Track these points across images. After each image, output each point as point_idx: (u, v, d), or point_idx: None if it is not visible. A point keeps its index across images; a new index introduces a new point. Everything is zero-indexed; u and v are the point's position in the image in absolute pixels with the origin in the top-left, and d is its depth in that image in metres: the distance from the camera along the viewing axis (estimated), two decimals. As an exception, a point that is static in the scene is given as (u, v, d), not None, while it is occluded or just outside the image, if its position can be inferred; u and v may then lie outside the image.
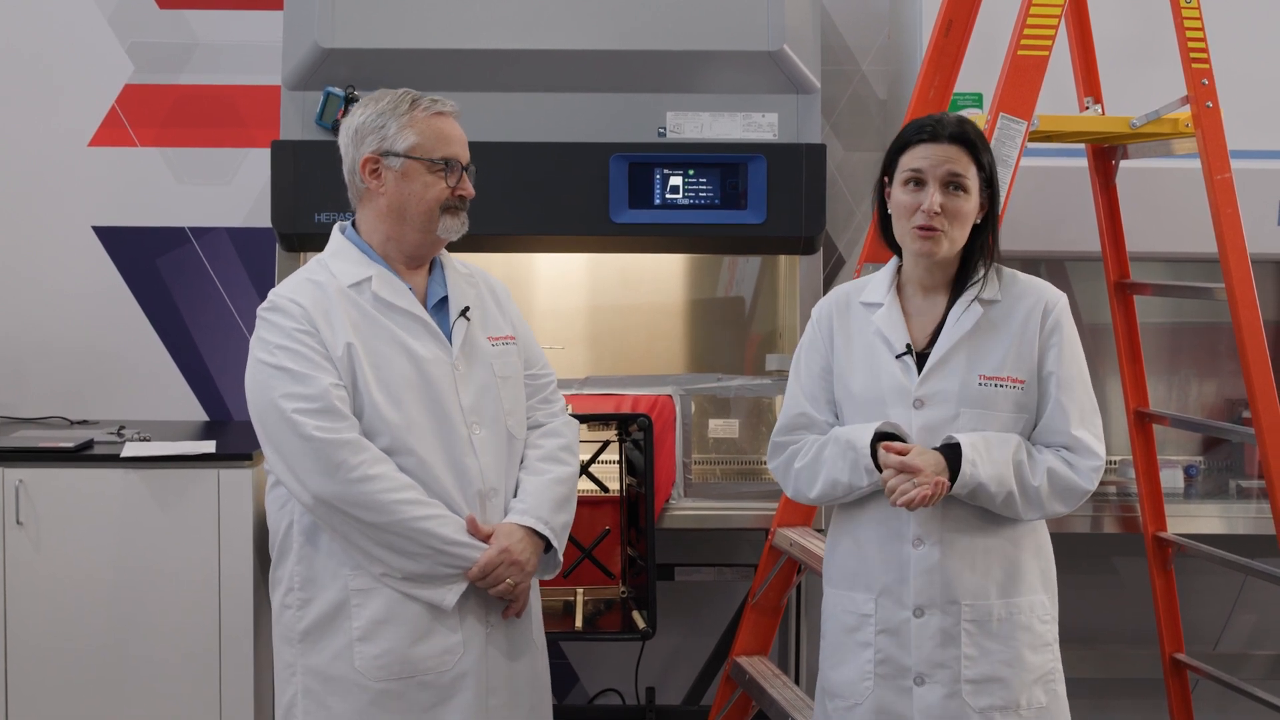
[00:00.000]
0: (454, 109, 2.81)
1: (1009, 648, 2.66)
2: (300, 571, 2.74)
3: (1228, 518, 4.05)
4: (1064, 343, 2.70)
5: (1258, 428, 3.41)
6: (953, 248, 2.67)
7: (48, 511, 3.86)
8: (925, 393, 2.67)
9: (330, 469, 2.61)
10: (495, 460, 2.78)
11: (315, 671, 2.73)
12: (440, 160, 2.73)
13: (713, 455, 4.22)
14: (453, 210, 2.76)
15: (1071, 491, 2.67)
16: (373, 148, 2.74)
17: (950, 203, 2.64)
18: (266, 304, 2.75)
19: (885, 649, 2.71)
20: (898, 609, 2.69)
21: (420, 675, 2.71)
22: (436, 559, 2.68)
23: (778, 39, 3.84)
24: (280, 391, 2.65)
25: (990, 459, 2.61)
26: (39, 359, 4.51)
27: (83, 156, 4.50)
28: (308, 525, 2.72)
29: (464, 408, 2.75)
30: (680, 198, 3.87)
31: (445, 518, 2.69)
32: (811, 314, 2.88)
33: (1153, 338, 4.43)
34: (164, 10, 4.49)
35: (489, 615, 2.78)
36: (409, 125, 2.72)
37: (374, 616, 2.69)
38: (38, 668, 3.87)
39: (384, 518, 2.63)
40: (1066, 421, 2.67)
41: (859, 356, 2.75)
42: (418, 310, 2.75)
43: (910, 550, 2.67)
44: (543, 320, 4.40)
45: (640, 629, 3.56)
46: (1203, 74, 3.41)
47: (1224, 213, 3.40)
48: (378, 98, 2.79)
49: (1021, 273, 2.77)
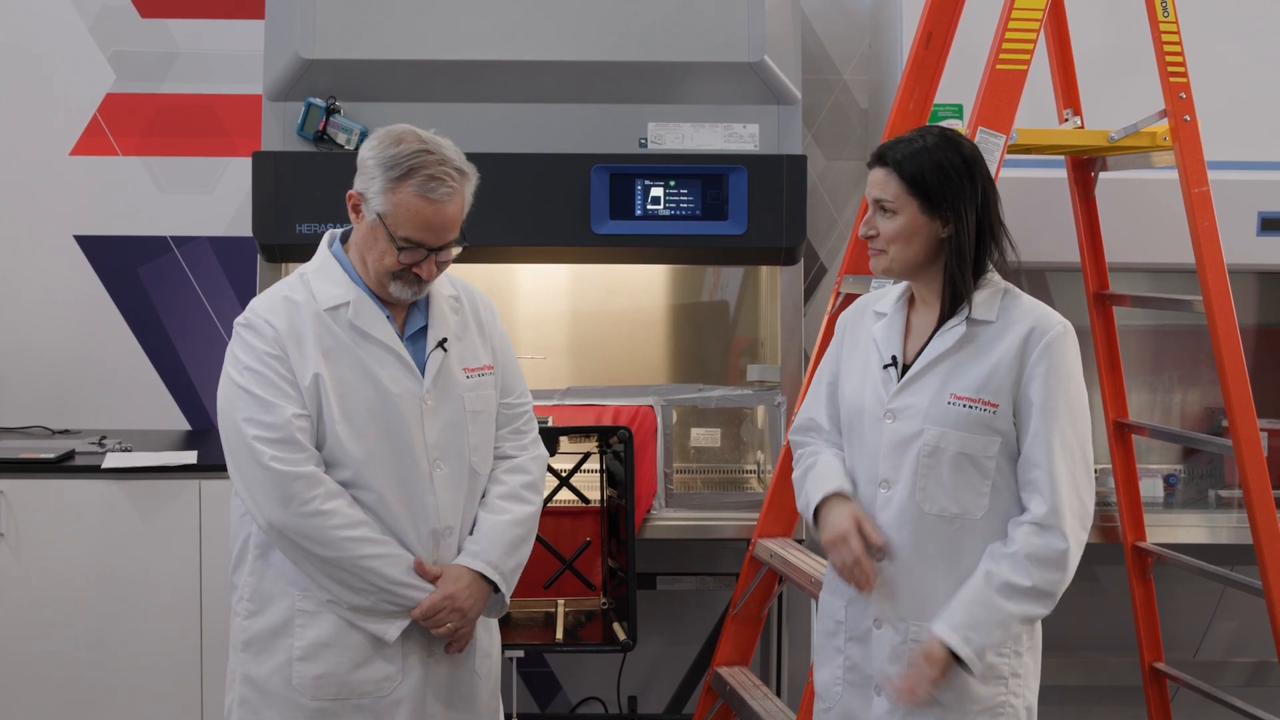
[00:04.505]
0: (449, 193, 2.65)
1: (953, 675, 2.59)
2: (251, 583, 2.75)
3: (1208, 527, 4.06)
4: (1051, 372, 2.58)
5: (1235, 440, 3.43)
6: (894, 264, 2.66)
7: (29, 522, 3.86)
8: (896, 406, 2.66)
9: (284, 500, 2.62)
10: (454, 498, 2.78)
11: (253, 682, 2.74)
12: (402, 239, 2.66)
13: (694, 465, 4.23)
14: (405, 280, 2.70)
15: (1052, 568, 2.56)
16: (359, 188, 2.70)
17: (878, 224, 2.66)
18: (243, 319, 2.73)
19: (853, 656, 2.73)
20: (862, 618, 2.71)
21: (357, 699, 2.73)
22: (381, 596, 2.70)
23: (758, 50, 3.85)
24: (244, 415, 2.65)
25: (976, 621, 2.55)
26: (20, 368, 4.50)
27: (64, 165, 4.50)
28: (263, 540, 2.73)
29: (428, 444, 2.74)
30: (661, 208, 3.88)
31: (393, 557, 2.70)
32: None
33: (1136, 340, 4.45)
34: (146, 19, 4.49)
35: (431, 647, 2.79)
36: (391, 193, 2.64)
37: (316, 639, 2.71)
38: (18, 679, 3.87)
39: (333, 553, 2.64)
40: (1045, 471, 2.57)
41: (857, 365, 2.76)
42: (392, 341, 2.73)
43: (874, 561, 2.68)
44: (524, 329, 4.40)
45: (621, 641, 3.56)
46: (1180, 88, 3.42)
47: (1201, 226, 3.42)
48: (395, 140, 2.67)
49: (1029, 296, 2.68)
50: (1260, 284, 4.50)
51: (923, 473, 2.62)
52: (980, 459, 2.61)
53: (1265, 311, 4.53)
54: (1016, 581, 2.55)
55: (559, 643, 3.61)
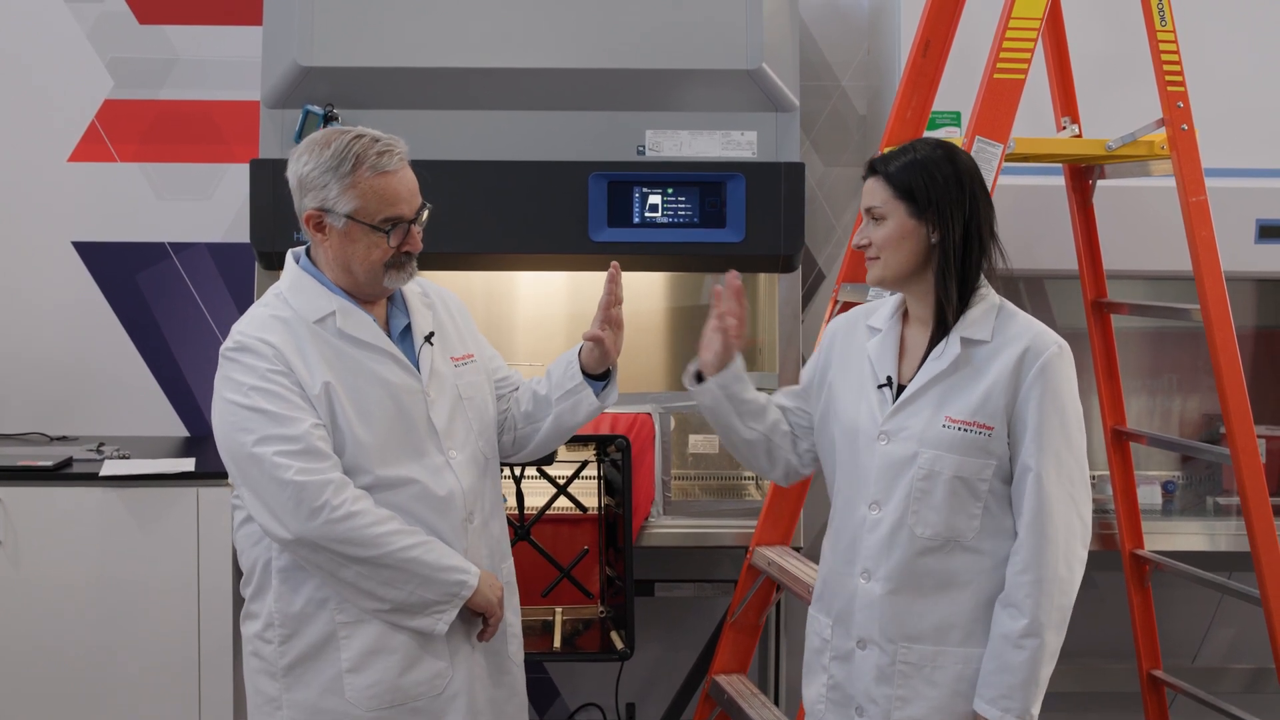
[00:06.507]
0: (400, 161, 2.69)
1: (945, 695, 2.61)
2: (279, 608, 2.70)
3: (1206, 534, 4.06)
4: (1047, 395, 2.56)
5: (1233, 448, 3.43)
6: (887, 271, 2.65)
7: (26, 529, 3.86)
8: (891, 428, 2.65)
9: (314, 511, 2.58)
10: (474, 482, 2.79)
11: (304, 706, 2.70)
12: (383, 222, 2.67)
13: (692, 472, 4.22)
14: (398, 265, 2.71)
15: (1054, 597, 2.58)
16: (315, 204, 2.68)
17: (870, 232, 2.67)
18: (233, 344, 2.70)
19: (836, 676, 2.71)
20: (846, 638, 2.69)
21: (411, 702, 2.71)
22: (427, 586, 2.66)
23: (756, 58, 3.85)
24: (259, 434, 2.61)
25: (1000, 684, 2.56)
26: (18, 374, 4.50)
27: (62, 172, 4.49)
28: (285, 563, 2.69)
29: (439, 432, 2.75)
30: (659, 216, 3.88)
31: (430, 543, 2.68)
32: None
33: (1135, 345, 4.45)
34: (144, 26, 4.49)
35: (471, 638, 2.78)
36: (352, 187, 2.64)
37: (363, 648, 2.68)
38: (16, 686, 3.87)
39: (373, 551, 2.61)
40: (1034, 499, 2.56)
41: (851, 383, 2.74)
42: (384, 343, 2.73)
43: (859, 582, 2.66)
44: (523, 337, 4.40)
45: (618, 649, 3.56)
46: (1178, 97, 3.42)
47: (1199, 235, 3.42)
48: (322, 144, 2.68)
49: (1024, 314, 2.66)
50: (1258, 291, 4.50)
51: (916, 496, 2.60)
52: (974, 482, 2.59)
53: (1263, 318, 4.53)
54: (1026, 629, 2.54)
55: (557, 651, 3.61)
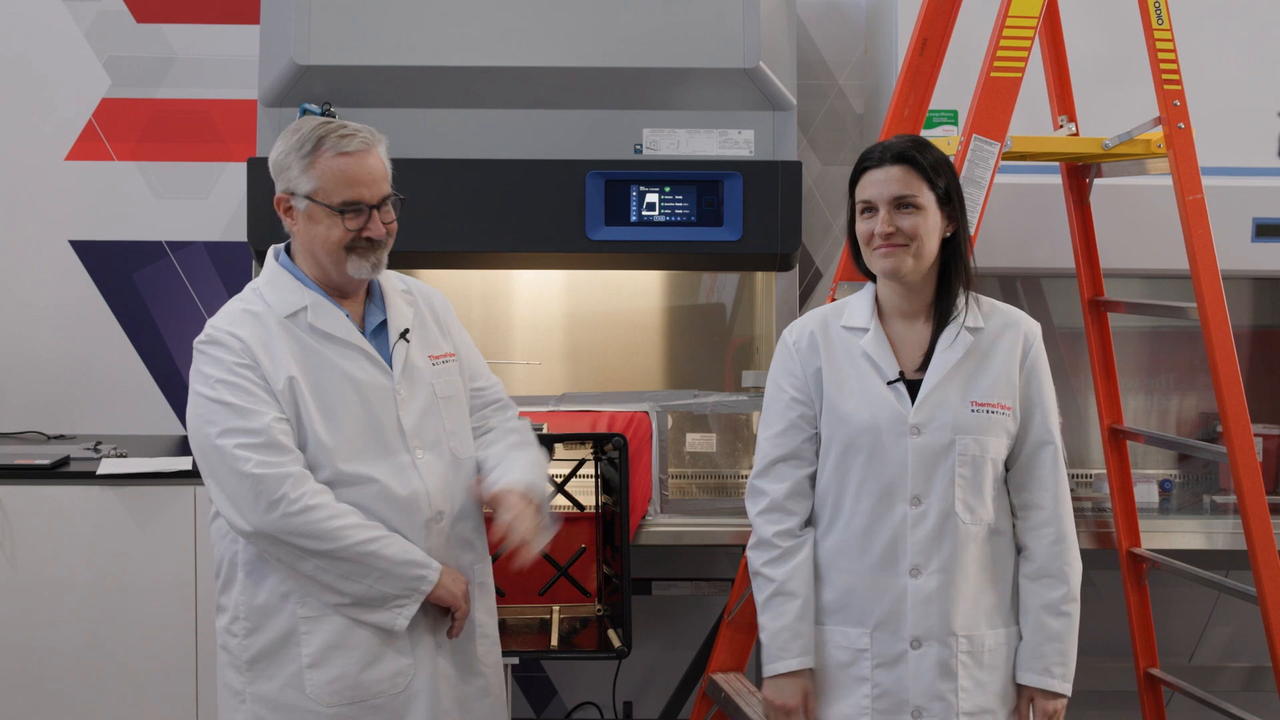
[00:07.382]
0: (365, 144, 2.70)
1: (1000, 679, 2.69)
2: (244, 601, 2.73)
3: (1203, 533, 4.06)
4: (1043, 372, 2.75)
5: (1229, 446, 3.43)
6: (918, 264, 2.67)
7: (23, 528, 3.86)
8: (921, 420, 2.67)
9: (271, 503, 2.60)
10: (440, 483, 2.78)
11: (265, 699, 2.72)
12: (342, 204, 2.68)
13: (689, 470, 4.23)
14: (360, 251, 2.71)
15: (1073, 566, 2.78)
16: (282, 187, 2.72)
17: (904, 221, 2.65)
18: (204, 337, 2.73)
19: (883, 683, 2.70)
20: (894, 641, 2.69)
21: (372, 699, 2.72)
22: (385, 581, 2.68)
23: (754, 56, 3.85)
24: (221, 426, 2.64)
25: (1051, 654, 2.73)
26: (15, 373, 4.50)
27: (60, 170, 4.50)
28: (250, 556, 2.72)
29: (406, 431, 2.75)
30: (656, 214, 3.88)
31: (389, 538, 2.69)
32: (783, 339, 2.84)
33: (1132, 343, 4.45)
34: (141, 24, 4.49)
35: (437, 636, 2.79)
36: (311, 167, 2.67)
37: (324, 643, 2.69)
38: (13, 684, 3.87)
39: (330, 544, 2.63)
40: (1050, 474, 2.73)
41: (850, 383, 2.73)
42: (355, 339, 2.74)
43: (907, 580, 2.67)
44: (519, 336, 4.40)
45: (615, 648, 3.56)
46: (1174, 95, 3.42)
47: (1196, 233, 3.42)
48: (293, 130, 2.73)
49: (994, 300, 2.79)
50: (1255, 289, 4.51)
51: (959, 484, 2.66)
52: (999, 462, 2.71)
53: (1260, 316, 4.53)
54: (1066, 595, 2.73)
55: (554, 649, 3.60)
